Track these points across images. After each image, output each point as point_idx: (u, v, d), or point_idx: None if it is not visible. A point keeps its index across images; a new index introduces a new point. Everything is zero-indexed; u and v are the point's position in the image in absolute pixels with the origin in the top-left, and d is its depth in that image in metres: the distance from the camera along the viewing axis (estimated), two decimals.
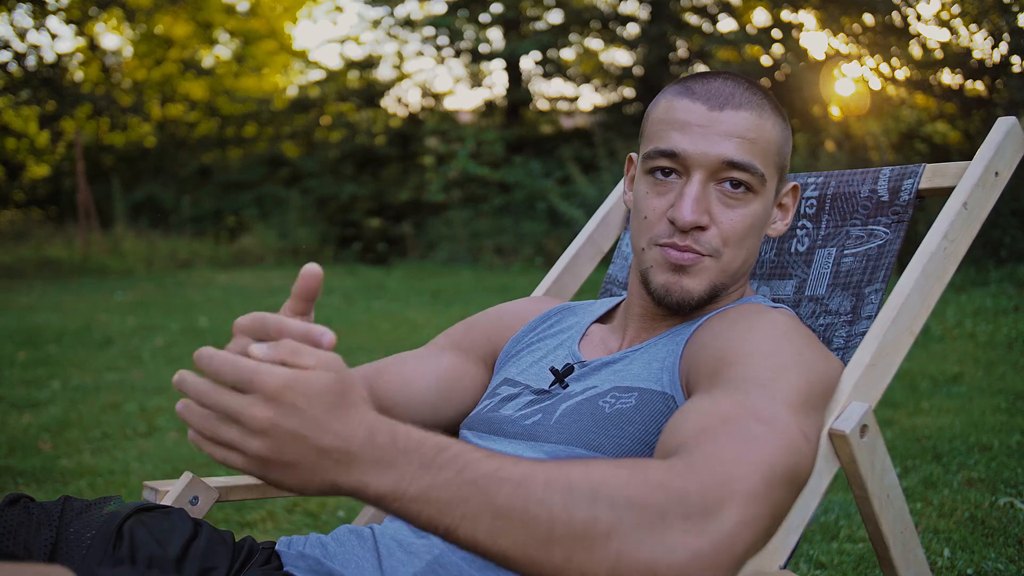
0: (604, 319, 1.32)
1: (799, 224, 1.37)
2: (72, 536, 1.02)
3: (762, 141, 1.12)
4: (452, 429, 1.35)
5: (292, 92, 16.22)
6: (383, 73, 14.81)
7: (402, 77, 14.58)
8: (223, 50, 17.11)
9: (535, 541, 0.73)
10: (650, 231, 1.15)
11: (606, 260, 1.71)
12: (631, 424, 1.07)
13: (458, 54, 14.00)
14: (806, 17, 9.38)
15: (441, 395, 1.30)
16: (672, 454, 0.85)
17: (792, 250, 1.37)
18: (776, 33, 9.81)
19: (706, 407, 0.92)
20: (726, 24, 12.41)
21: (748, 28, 11.14)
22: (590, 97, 19.76)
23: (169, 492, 1.21)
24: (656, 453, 0.90)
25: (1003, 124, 1.18)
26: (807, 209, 1.37)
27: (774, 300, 1.35)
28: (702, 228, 1.11)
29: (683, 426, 0.90)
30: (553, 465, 0.77)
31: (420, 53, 14.48)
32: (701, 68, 12.65)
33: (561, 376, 1.19)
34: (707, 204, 1.11)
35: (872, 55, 8.31)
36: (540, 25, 13.60)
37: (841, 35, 8.55)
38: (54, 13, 14.53)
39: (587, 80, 13.97)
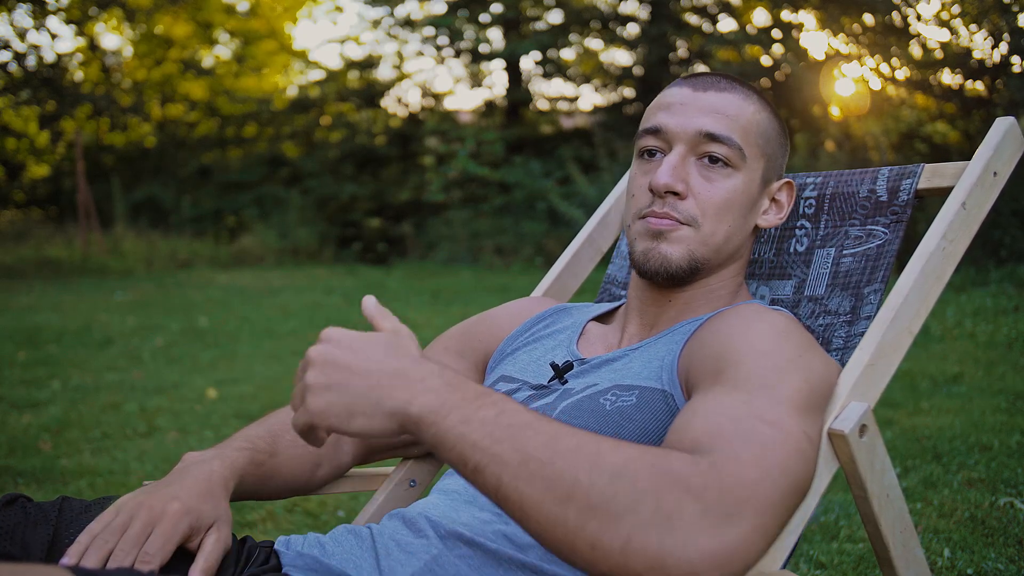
0: (602, 319, 1.33)
1: (798, 224, 1.37)
2: (73, 537, 1.02)
3: (743, 119, 1.16)
4: None
5: (292, 92, 16.22)
6: (383, 73, 14.82)
7: (402, 77, 14.58)
8: (223, 50, 17.12)
9: (554, 497, 0.76)
10: (635, 206, 1.19)
11: (605, 260, 1.71)
12: (631, 422, 1.07)
13: (458, 54, 14.01)
14: (806, 17, 9.39)
15: None
16: (688, 452, 0.85)
17: (791, 250, 1.37)
18: (776, 33, 9.81)
19: (713, 406, 0.92)
20: (726, 24, 12.41)
21: (748, 28, 11.14)
22: (590, 97, 19.77)
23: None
24: (678, 444, 0.90)
25: (1001, 124, 1.18)
26: (806, 209, 1.37)
27: (773, 300, 1.35)
28: (679, 196, 1.14)
29: (693, 424, 0.90)
30: (585, 433, 0.81)
31: (420, 53, 14.49)
32: (701, 68, 12.65)
33: (561, 372, 1.19)
34: (685, 174, 1.15)
35: (872, 55, 8.31)
36: (540, 25, 13.60)
37: (841, 35, 8.55)
38: (54, 13, 14.54)
39: (587, 80, 13.97)
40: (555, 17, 13.58)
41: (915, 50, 8.12)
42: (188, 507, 1.00)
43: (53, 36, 16.01)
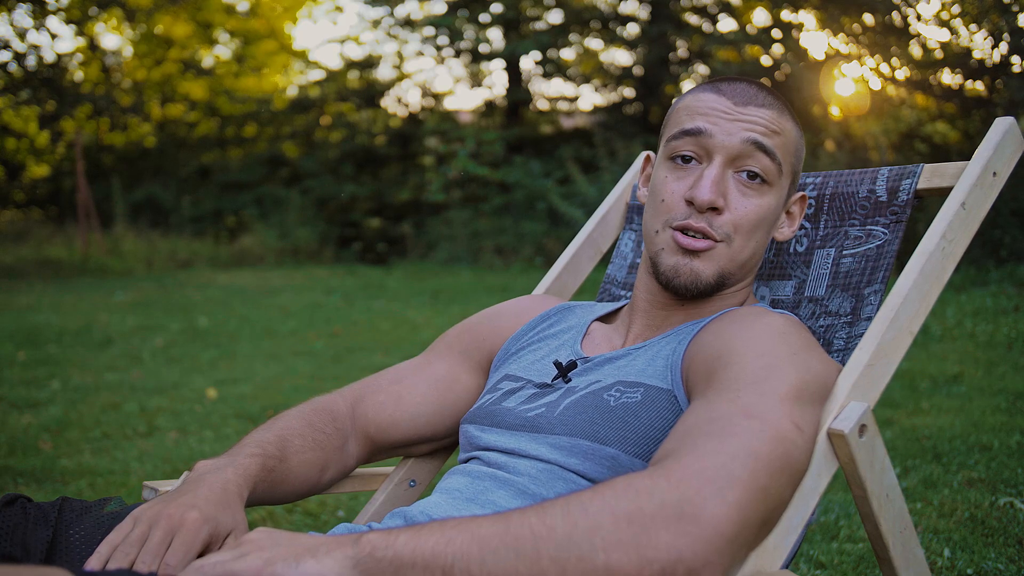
0: (606, 319, 1.33)
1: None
2: (75, 538, 1.02)
3: (784, 135, 1.17)
4: (450, 435, 1.36)
5: (292, 92, 16.23)
6: (383, 73, 14.83)
7: (402, 77, 14.58)
8: (223, 50, 17.12)
9: (526, 560, 0.76)
10: (666, 213, 1.17)
11: (605, 260, 1.71)
12: (637, 419, 1.07)
13: (458, 54, 14.01)
14: (806, 17, 9.39)
15: (436, 405, 1.32)
16: (660, 461, 0.86)
17: (791, 250, 1.37)
18: (776, 33, 9.81)
19: (698, 412, 0.93)
20: (726, 24, 12.42)
21: (748, 28, 11.14)
22: (590, 97, 19.79)
23: (169, 492, 1.21)
24: (651, 462, 0.90)
25: (1001, 124, 1.18)
26: (806, 209, 1.37)
27: (773, 301, 1.35)
28: (717, 211, 1.14)
29: (672, 436, 0.91)
30: (524, 508, 0.82)
31: (420, 53, 14.50)
32: (701, 68, 12.67)
33: (564, 370, 1.19)
34: (724, 189, 1.14)
35: (872, 55, 8.31)
36: (540, 25, 13.60)
37: (841, 35, 8.55)
38: (54, 13, 14.55)
39: (587, 80, 13.97)
40: (555, 17, 13.58)
41: (915, 50, 8.12)
42: (207, 516, 0.99)
43: (53, 36, 16.01)
